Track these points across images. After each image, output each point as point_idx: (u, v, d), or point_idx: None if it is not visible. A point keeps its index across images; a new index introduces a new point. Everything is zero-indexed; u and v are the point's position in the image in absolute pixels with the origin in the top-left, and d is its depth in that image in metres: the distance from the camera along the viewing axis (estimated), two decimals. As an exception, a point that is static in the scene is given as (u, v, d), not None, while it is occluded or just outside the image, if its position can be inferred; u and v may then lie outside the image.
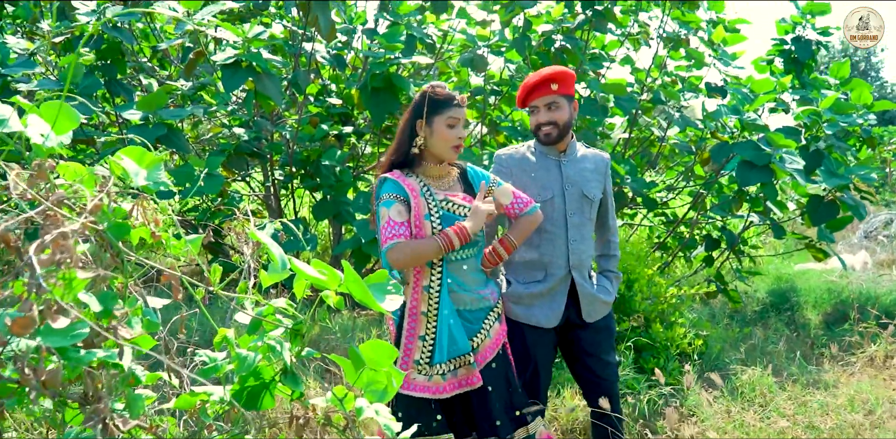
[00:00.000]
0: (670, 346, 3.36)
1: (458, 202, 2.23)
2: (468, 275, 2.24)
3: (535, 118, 2.48)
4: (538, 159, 2.52)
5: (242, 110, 5.10)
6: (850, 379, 3.50)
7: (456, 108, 2.20)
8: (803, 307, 5.03)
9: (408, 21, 4.71)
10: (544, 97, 2.44)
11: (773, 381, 3.26)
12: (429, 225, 2.17)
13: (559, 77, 2.43)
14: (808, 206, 4.50)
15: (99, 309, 0.94)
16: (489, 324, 2.27)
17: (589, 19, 4.47)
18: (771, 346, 3.97)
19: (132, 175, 0.91)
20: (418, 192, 2.20)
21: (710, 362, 3.61)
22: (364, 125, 5.37)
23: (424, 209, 2.18)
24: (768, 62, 5.36)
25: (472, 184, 2.33)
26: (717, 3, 4.89)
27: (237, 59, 3.60)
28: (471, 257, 2.26)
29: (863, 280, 5.83)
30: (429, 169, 2.25)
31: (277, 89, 3.75)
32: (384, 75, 4.23)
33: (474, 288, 2.25)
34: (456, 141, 2.19)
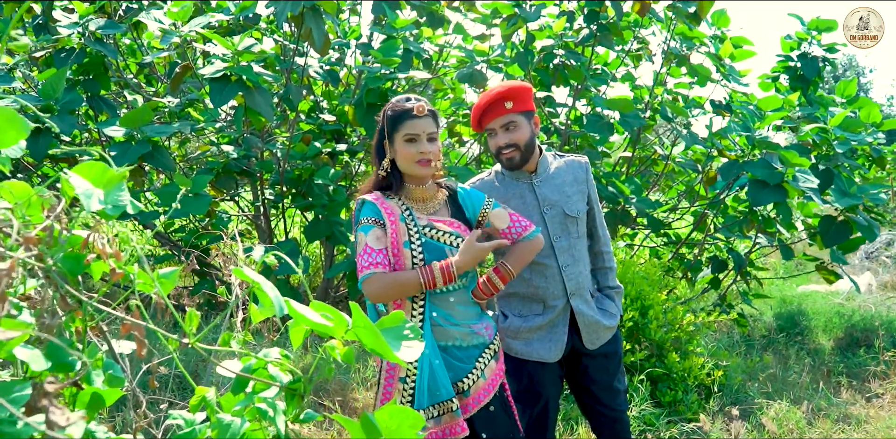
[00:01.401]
0: (687, 377, 3.16)
1: (444, 229, 2.01)
2: (456, 308, 2.00)
3: (493, 142, 2.25)
4: (508, 185, 2.31)
5: (231, 127, 4.92)
6: (880, 413, 3.31)
7: (412, 120, 1.97)
8: (814, 331, 4.85)
9: (403, 35, 4.55)
10: (499, 118, 2.20)
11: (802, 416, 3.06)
12: (408, 253, 1.95)
13: (513, 94, 2.18)
14: (821, 227, 4.33)
15: (44, 366, 0.74)
16: (483, 363, 2.02)
17: (594, 34, 4.32)
18: (793, 376, 3.77)
19: (83, 196, 0.71)
20: (398, 216, 1.99)
21: (731, 394, 3.40)
22: (357, 143, 5.20)
23: (404, 235, 1.97)
24: (773, 79, 5.24)
25: (463, 206, 2.11)
26: (723, 18, 4.76)
27: (226, 73, 3.42)
28: (460, 288, 2.02)
29: (871, 303, 5.66)
30: (411, 191, 2.05)
31: (269, 104, 3.56)
32: (379, 91, 4.06)
33: (464, 321, 2.00)
34: (417, 156, 1.95)
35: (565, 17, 4.52)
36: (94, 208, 0.71)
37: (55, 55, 3.86)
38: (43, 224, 0.74)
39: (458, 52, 5.34)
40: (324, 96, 5.33)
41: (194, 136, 5.32)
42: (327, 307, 0.85)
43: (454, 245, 1.99)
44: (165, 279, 0.98)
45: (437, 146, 1.99)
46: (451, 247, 1.99)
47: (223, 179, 4.55)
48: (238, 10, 4.08)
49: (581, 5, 4.50)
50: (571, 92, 5.17)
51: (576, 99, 4.86)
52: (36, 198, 0.81)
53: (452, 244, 1.99)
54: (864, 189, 4.17)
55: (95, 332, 1.02)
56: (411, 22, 4.59)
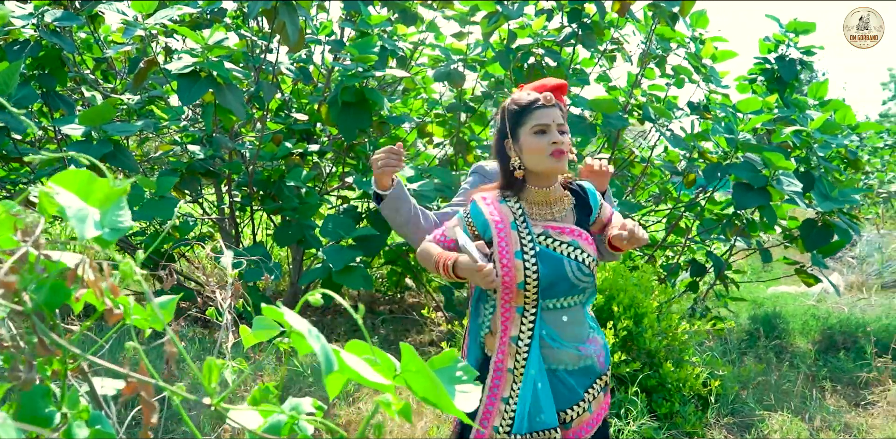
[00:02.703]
0: (682, 387, 3.06)
1: (562, 238, 1.81)
2: (568, 329, 1.80)
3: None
4: None
5: (196, 125, 4.70)
6: (874, 421, 3.26)
7: (541, 110, 1.80)
8: (791, 334, 4.82)
9: (379, 32, 4.39)
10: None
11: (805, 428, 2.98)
12: (520, 265, 1.76)
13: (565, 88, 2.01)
14: (802, 231, 4.30)
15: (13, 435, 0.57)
16: (592, 395, 1.83)
17: (575, 33, 4.21)
18: (786, 384, 3.70)
19: (75, 220, 0.55)
20: (508, 224, 1.80)
21: (728, 405, 3.32)
22: (328, 143, 5.01)
23: (516, 245, 1.78)
24: (751, 81, 5.21)
25: (594, 205, 1.93)
26: (702, 19, 4.70)
27: (196, 69, 3.22)
28: (576, 305, 1.83)
29: (842, 304, 5.67)
30: (531, 193, 1.85)
31: (240, 102, 3.37)
32: (355, 89, 3.89)
33: (572, 342, 1.81)
34: (550, 147, 1.78)
35: (545, 16, 4.40)
36: (90, 235, 0.55)
37: (7, 48, 3.61)
38: (20, 251, 0.57)
39: (433, 51, 5.20)
40: (293, 95, 5.13)
41: (154, 136, 5.08)
42: (373, 349, 0.70)
43: (572, 256, 1.79)
44: (164, 309, 0.82)
45: (568, 139, 1.81)
46: (569, 259, 1.79)
47: (187, 180, 4.33)
48: (206, 3, 3.87)
49: (562, 4, 4.39)
50: (549, 92, 5.07)
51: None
52: (5, 217, 0.65)
53: (570, 255, 1.79)
54: (844, 192, 4.14)
55: (75, 374, 0.85)
56: (386, 19, 4.43)
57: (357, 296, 5.56)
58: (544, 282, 1.77)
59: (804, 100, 5.11)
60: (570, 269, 1.78)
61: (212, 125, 3.60)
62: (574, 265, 1.79)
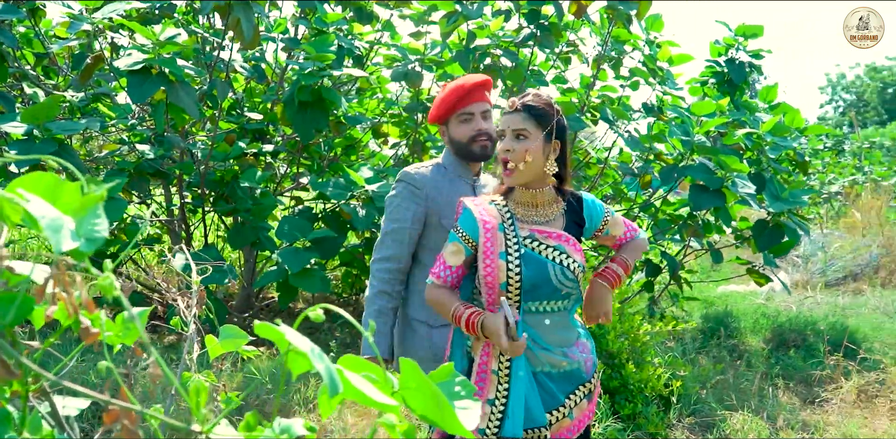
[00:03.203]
0: (644, 388, 3.07)
1: (549, 242, 1.79)
2: (553, 333, 1.79)
3: (469, 126, 2.07)
4: (452, 181, 2.15)
5: (145, 124, 4.55)
6: (829, 418, 3.33)
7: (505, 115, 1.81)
8: (743, 332, 4.91)
9: (335, 31, 4.31)
10: (480, 103, 2.07)
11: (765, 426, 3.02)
12: (503, 265, 1.76)
13: (490, 85, 2.12)
14: (754, 232, 4.38)
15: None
16: (574, 401, 1.80)
17: (534, 34, 4.20)
18: (744, 383, 3.76)
19: (49, 231, 0.49)
20: (495, 226, 1.79)
21: (689, 405, 3.35)
22: (281, 143, 4.91)
23: (500, 246, 1.77)
24: (702, 83, 5.29)
25: (587, 218, 1.89)
26: (657, 23, 4.75)
27: (147, 65, 3.10)
28: (560, 311, 1.81)
29: (790, 303, 5.81)
30: (519, 193, 1.85)
31: (193, 100, 3.26)
32: (312, 88, 3.81)
33: (558, 347, 1.80)
34: (501, 153, 1.78)
35: (503, 17, 4.39)
36: (67, 247, 0.49)
37: (-58, 42, 3.43)
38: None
39: (388, 50, 5.14)
40: (246, 93, 5.02)
41: (99, 134, 4.90)
42: (367, 364, 0.66)
43: (557, 261, 1.77)
44: (133, 323, 0.76)
45: (523, 146, 1.75)
46: (553, 263, 1.77)
47: (135, 181, 4.18)
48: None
49: (519, 4, 4.38)
50: (505, 93, 5.06)
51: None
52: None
53: (555, 260, 1.77)
54: (794, 194, 4.23)
55: (36, 395, 0.78)
56: (342, 17, 4.36)
57: (311, 298, 5.46)
58: (527, 283, 1.76)
59: (753, 103, 5.22)
60: (553, 273, 1.77)
61: (163, 124, 3.47)
62: (558, 269, 1.77)
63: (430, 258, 2.08)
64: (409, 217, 2.08)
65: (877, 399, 3.59)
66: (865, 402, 3.54)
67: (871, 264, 7.30)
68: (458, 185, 2.13)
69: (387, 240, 2.10)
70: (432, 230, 2.10)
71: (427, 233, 2.11)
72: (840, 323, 4.81)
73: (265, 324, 0.56)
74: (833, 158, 13.36)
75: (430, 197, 2.09)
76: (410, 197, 2.09)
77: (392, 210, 2.12)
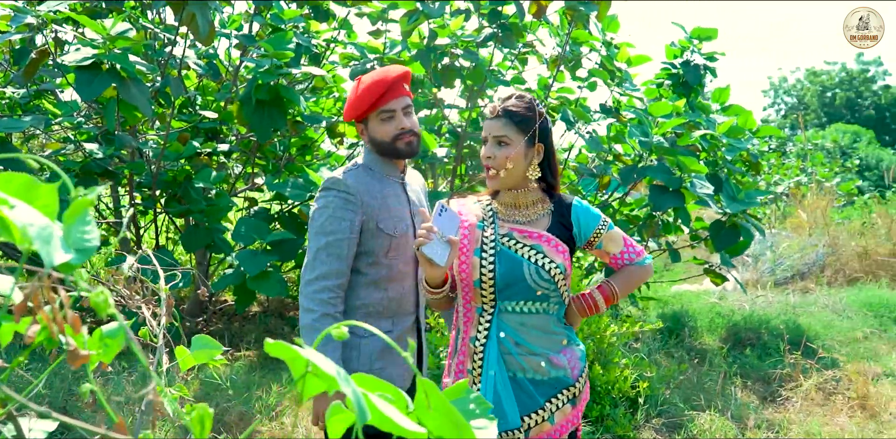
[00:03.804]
0: (612, 390, 3.07)
1: (524, 241, 1.77)
2: (535, 336, 1.76)
3: (391, 125, 1.91)
4: (381, 182, 1.98)
5: (93, 122, 4.38)
6: (790, 416, 3.37)
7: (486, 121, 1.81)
8: (699, 331, 4.97)
9: (293, 28, 4.21)
10: (401, 99, 1.91)
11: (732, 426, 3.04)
12: (477, 262, 1.78)
13: (409, 77, 1.97)
14: (711, 232, 4.43)
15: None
16: (556, 405, 1.75)
17: (495, 34, 4.18)
18: (708, 383, 3.79)
19: (39, 241, 0.42)
20: (474, 225, 1.82)
21: (656, 406, 3.36)
22: (235, 142, 4.79)
23: (476, 243, 1.80)
24: (658, 85, 5.34)
25: (574, 222, 1.84)
26: (613, 24, 4.77)
27: (97, 61, 2.97)
28: (539, 313, 1.77)
29: (743, 301, 5.91)
30: (503, 194, 1.86)
31: (146, 98, 3.14)
32: (270, 87, 3.71)
33: (542, 350, 1.76)
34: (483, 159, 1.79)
35: (462, 16, 4.36)
36: (61, 260, 0.42)
37: None
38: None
39: (345, 48, 5.06)
40: (199, 91, 4.87)
41: (42, 133, 4.71)
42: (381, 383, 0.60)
43: (532, 260, 1.75)
44: (111, 339, 0.69)
45: (504, 152, 1.76)
46: (528, 262, 1.75)
47: (82, 181, 4.02)
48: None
49: (479, 4, 4.35)
50: (465, 93, 5.03)
51: (471, 100, 4.72)
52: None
53: (531, 259, 1.75)
54: (750, 194, 4.30)
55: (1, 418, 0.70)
56: (300, 14, 4.26)
57: (266, 301, 5.34)
58: (500, 281, 1.76)
59: (707, 104, 5.30)
60: (528, 272, 1.75)
61: (114, 122, 3.34)
62: (533, 268, 1.75)
63: (367, 265, 1.93)
64: (345, 228, 1.87)
65: (833, 396, 3.67)
66: (823, 400, 3.61)
67: (818, 263, 7.50)
68: (388, 186, 1.98)
69: (321, 256, 1.87)
70: (370, 236, 1.92)
71: (364, 240, 1.93)
72: (792, 321, 4.91)
73: (279, 342, 0.50)
74: (778, 160, 13.71)
75: (365, 202, 1.90)
76: (344, 205, 1.88)
77: (324, 222, 1.89)
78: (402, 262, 1.96)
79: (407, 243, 1.96)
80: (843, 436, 3.09)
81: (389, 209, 1.93)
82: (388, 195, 1.95)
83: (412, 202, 2.02)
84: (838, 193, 12.09)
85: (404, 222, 1.96)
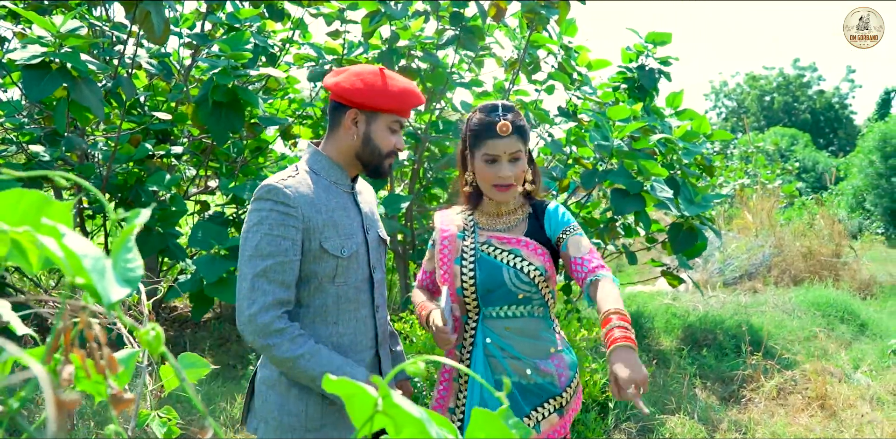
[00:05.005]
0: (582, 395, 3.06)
1: (503, 247, 1.80)
2: (520, 341, 1.76)
3: (394, 139, 1.70)
4: (328, 190, 1.67)
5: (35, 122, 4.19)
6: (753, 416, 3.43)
7: (493, 140, 1.73)
8: (656, 332, 5.03)
9: (248, 28, 4.11)
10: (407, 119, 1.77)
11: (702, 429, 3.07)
12: (458, 270, 1.81)
13: None
14: (670, 234, 4.49)
15: None
16: (542, 414, 1.74)
17: (457, 36, 4.15)
18: (674, 385, 3.82)
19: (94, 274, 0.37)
20: (454, 235, 1.85)
21: (626, 411, 3.36)
22: (187, 144, 4.65)
23: (456, 252, 1.82)
24: (614, 89, 5.39)
25: (546, 223, 1.82)
26: (571, 28, 4.79)
27: (46, 59, 2.83)
28: (522, 317, 1.78)
29: (696, 302, 6.01)
30: (486, 204, 1.87)
31: (98, 98, 3.01)
32: (227, 88, 3.60)
33: (528, 358, 1.75)
34: (496, 180, 1.75)
35: (422, 18, 4.32)
36: (118, 296, 0.37)
37: None
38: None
39: (300, 49, 4.97)
40: (153, 91, 4.72)
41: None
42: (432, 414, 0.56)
43: (511, 264, 1.77)
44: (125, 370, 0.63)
45: (520, 167, 1.76)
46: (507, 267, 1.77)
47: (27, 185, 3.84)
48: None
49: (438, 4, 4.32)
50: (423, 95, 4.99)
51: (431, 103, 4.68)
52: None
53: (509, 263, 1.77)
54: (707, 198, 4.37)
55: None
56: (256, 13, 4.16)
57: (219, 307, 5.20)
58: (482, 288, 1.79)
59: (660, 108, 5.37)
60: (507, 276, 1.77)
61: (65, 124, 3.19)
62: (512, 272, 1.77)
63: (309, 293, 1.63)
64: (286, 248, 1.56)
65: (792, 396, 3.75)
66: (782, 399, 3.69)
67: (765, 263, 7.68)
68: (334, 196, 1.67)
69: (260, 285, 1.54)
70: (312, 258, 1.61)
71: (304, 262, 1.61)
72: (746, 321, 5.01)
73: (342, 380, 0.45)
74: (722, 162, 14.04)
75: (307, 216, 1.59)
76: (283, 221, 1.56)
77: (259, 243, 1.56)
78: (352, 289, 1.67)
79: (358, 265, 1.67)
80: (808, 436, 3.16)
81: (336, 225, 1.64)
82: (335, 208, 1.65)
83: (365, 215, 1.74)
84: (781, 195, 12.44)
85: (354, 240, 1.66)
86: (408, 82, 1.72)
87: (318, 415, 1.63)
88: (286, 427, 1.62)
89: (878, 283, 7.35)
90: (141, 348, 1.16)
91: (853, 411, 3.43)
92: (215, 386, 3.46)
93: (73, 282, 0.36)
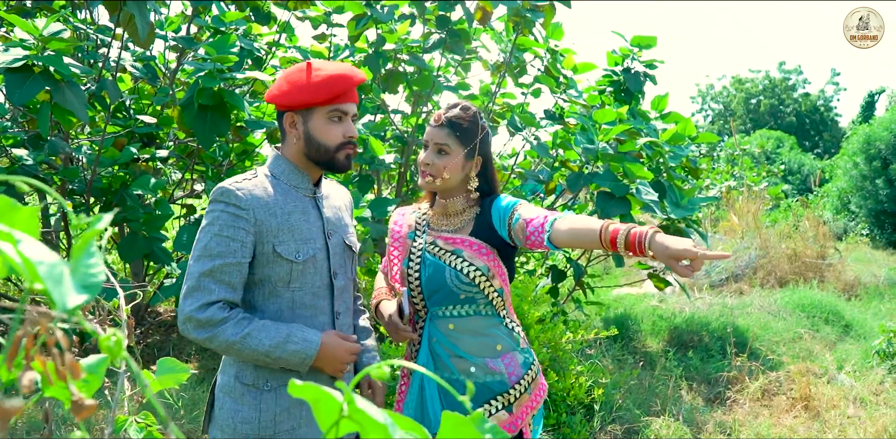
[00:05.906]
0: (567, 397, 3.07)
1: (446, 247, 1.83)
2: (463, 340, 1.79)
3: (340, 129, 1.65)
4: (286, 194, 1.66)
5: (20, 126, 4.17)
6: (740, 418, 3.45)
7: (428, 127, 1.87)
8: (643, 335, 5.05)
9: (234, 31, 4.10)
10: (353, 104, 1.67)
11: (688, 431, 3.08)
12: (405, 271, 1.88)
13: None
14: (656, 237, 4.51)
15: None
16: (489, 411, 1.74)
17: (444, 40, 4.15)
18: (660, 387, 3.84)
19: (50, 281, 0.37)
20: (405, 235, 1.90)
21: (611, 413, 3.38)
22: (173, 148, 4.63)
23: (405, 253, 1.88)
24: (600, 92, 5.41)
25: (493, 218, 1.80)
26: (557, 31, 4.82)
27: (29, 63, 2.81)
28: (468, 316, 1.81)
29: (682, 304, 6.04)
30: (438, 204, 1.93)
31: (82, 102, 2.99)
32: (213, 92, 3.59)
33: (473, 357, 1.79)
34: (420, 164, 1.87)
35: (409, 21, 4.32)
36: (74, 302, 0.37)
37: None
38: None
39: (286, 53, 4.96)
40: (138, 95, 4.70)
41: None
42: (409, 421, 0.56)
43: (453, 265, 1.80)
44: (94, 375, 0.63)
45: (444, 161, 1.80)
46: (449, 268, 1.80)
47: (9, 191, 3.82)
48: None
49: (424, 7, 4.32)
50: (409, 98, 5.00)
51: (418, 106, 4.69)
52: None
53: (451, 264, 1.80)
54: (693, 201, 4.40)
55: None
56: (243, 16, 4.15)
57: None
58: (427, 288, 1.83)
59: (646, 111, 5.40)
60: (449, 277, 1.80)
61: (48, 128, 3.18)
62: (453, 273, 1.80)
63: (264, 297, 1.63)
64: (235, 249, 1.57)
65: (777, 397, 3.77)
66: (767, 400, 3.71)
67: (751, 265, 7.73)
68: (293, 200, 1.67)
69: (206, 284, 1.55)
70: (265, 262, 1.61)
71: (257, 266, 1.61)
72: (731, 323, 5.04)
73: (307, 384, 0.45)
74: (708, 165, 14.12)
75: (260, 220, 1.60)
76: (234, 222, 1.58)
77: (208, 243, 1.57)
78: (308, 294, 1.65)
79: (315, 270, 1.66)
80: (792, 437, 3.18)
81: (292, 229, 1.63)
82: (293, 212, 1.65)
83: (327, 219, 1.72)
84: (766, 197, 12.52)
85: (312, 245, 1.65)
86: (337, 67, 1.66)
87: (272, 423, 1.61)
88: (241, 434, 1.61)
89: (863, 284, 7.41)
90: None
91: (837, 411, 3.46)
92: (200, 391, 3.44)
93: (32, 288, 0.36)
